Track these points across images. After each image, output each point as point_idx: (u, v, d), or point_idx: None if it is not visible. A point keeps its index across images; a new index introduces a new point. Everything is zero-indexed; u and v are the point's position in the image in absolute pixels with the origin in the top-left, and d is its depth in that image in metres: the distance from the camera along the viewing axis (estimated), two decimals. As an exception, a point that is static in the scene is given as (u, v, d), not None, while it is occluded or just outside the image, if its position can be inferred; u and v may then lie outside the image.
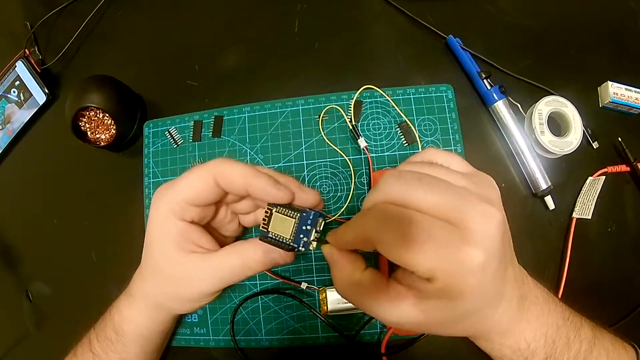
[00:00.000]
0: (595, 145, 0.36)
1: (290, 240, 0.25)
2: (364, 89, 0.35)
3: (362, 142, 0.34)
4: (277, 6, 0.41)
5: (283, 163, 0.36)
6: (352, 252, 0.24)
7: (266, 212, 0.26)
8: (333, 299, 0.33)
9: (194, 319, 0.37)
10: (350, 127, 0.35)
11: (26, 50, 0.44)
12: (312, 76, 0.38)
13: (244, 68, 0.40)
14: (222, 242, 0.30)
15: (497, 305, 0.22)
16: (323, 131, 0.36)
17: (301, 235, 0.25)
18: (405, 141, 0.36)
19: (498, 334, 0.24)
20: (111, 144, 0.38)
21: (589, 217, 0.35)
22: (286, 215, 0.25)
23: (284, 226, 0.25)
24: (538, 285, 0.26)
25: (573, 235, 0.35)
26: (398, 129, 0.36)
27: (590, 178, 0.35)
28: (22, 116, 0.44)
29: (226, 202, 0.30)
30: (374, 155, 0.36)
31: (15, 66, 0.43)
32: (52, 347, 0.34)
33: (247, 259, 0.27)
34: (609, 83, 0.36)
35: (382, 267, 0.32)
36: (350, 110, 0.35)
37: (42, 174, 0.44)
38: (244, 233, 0.34)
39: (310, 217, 0.25)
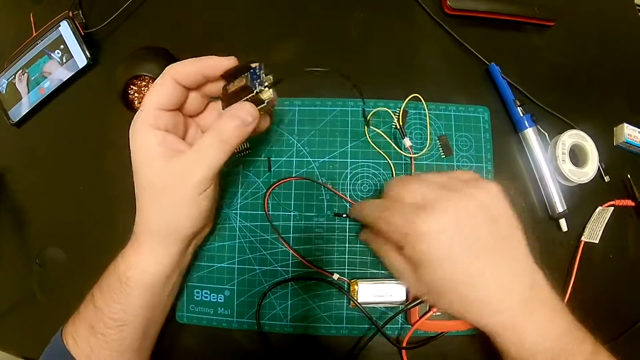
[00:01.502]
0: (606, 178, 0.41)
1: (247, 85, 0.29)
2: (412, 97, 0.39)
3: (407, 142, 0.38)
4: (336, 11, 0.44)
5: (328, 158, 0.39)
6: None
7: (222, 93, 0.32)
8: (364, 292, 0.36)
9: (220, 299, 0.38)
10: (398, 126, 0.38)
11: (70, 12, 0.45)
12: (361, 81, 0.41)
13: (297, 63, 0.42)
14: None
15: (481, 286, 0.27)
16: (368, 134, 0.39)
17: (254, 81, 0.29)
18: (443, 153, 0.39)
19: (501, 326, 0.28)
20: (157, 117, 0.39)
21: (597, 242, 0.39)
22: (239, 79, 0.30)
23: (238, 85, 0.30)
24: (552, 293, 0.29)
25: (580, 256, 0.39)
26: (438, 141, 0.40)
27: (599, 207, 0.40)
28: (57, 77, 0.44)
29: (189, 111, 0.33)
30: (414, 163, 0.39)
31: (60, 25, 0.44)
32: (59, 314, 0.33)
33: (221, 132, 0.29)
34: (625, 125, 0.42)
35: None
36: (398, 114, 0.39)
37: (70, 137, 0.44)
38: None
39: (258, 68, 0.30)
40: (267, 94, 0.30)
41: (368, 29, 0.43)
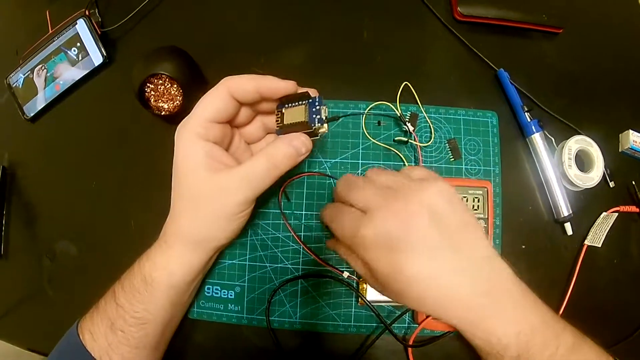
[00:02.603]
0: (611, 184, 0.43)
1: (306, 121, 0.30)
2: (403, 86, 0.41)
3: (410, 127, 0.40)
4: (347, 16, 0.46)
5: (339, 159, 0.41)
6: None
7: (277, 114, 0.32)
8: (372, 290, 0.38)
9: (230, 295, 0.39)
10: (399, 113, 0.41)
11: (87, 11, 0.47)
12: (372, 84, 0.43)
13: (308, 66, 0.44)
14: None
15: (426, 283, 0.26)
16: (370, 135, 0.41)
17: (314, 116, 0.30)
18: (452, 156, 0.41)
19: (462, 322, 0.27)
20: (172, 114, 0.41)
21: (599, 246, 0.41)
22: (295, 106, 0.31)
23: (296, 114, 0.31)
24: (518, 284, 0.28)
25: (583, 260, 0.41)
26: (447, 144, 0.41)
27: (604, 213, 0.42)
28: (73, 74, 0.46)
29: (237, 125, 0.35)
30: (424, 165, 0.41)
31: (76, 23, 0.45)
32: (69, 307, 0.35)
33: (273, 156, 0.30)
34: (630, 131, 0.43)
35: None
36: (406, 116, 0.41)
37: (84, 134, 0.45)
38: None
39: (317, 100, 0.31)
40: (323, 129, 0.31)
41: (380, 34, 0.45)
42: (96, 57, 0.45)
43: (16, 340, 0.43)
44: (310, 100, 0.31)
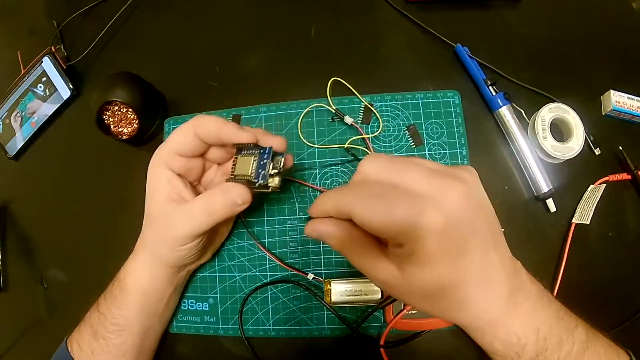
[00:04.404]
0: (597, 151, 0.40)
1: (251, 177, 0.30)
2: (332, 81, 0.41)
3: (348, 120, 0.40)
4: (297, 16, 0.47)
5: (297, 160, 0.41)
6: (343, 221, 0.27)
7: (233, 160, 0.32)
8: (337, 291, 0.38)
9: (205, 307, 0.41)
10: (334, 110, 0.41)
11: (52, 47, 0.50)
12: (326, 80, 0.43)
13: (262, 71, 0.45)
14: None
15: (475, 283, 0.24)
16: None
17: (260, 170, 0.30)
18: (413, 143, 0.41)
19: (488, 323, 0.26)
20: (132, 138, 0.43)
21: (588, 223, 0.38)
22: (247, 155, 0.31)
23: (245, 166, 0.31)
24: (534, 281, 0.28)
25: (571, 239, 0.38)
26: (406, 131, 0.41)
27: (591, 186, 0.39)
28: (45, 110, 0.49)
29: (211, 159, 0.36)
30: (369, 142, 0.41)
31: (42, 62, 0.49)
32: (65, 333, 0.38)
33: (210, 203, 0.32)
34: (612, 92, 0.41)
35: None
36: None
37: (63, 164, 0.49)
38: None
39: (267, 152, 0.30)
40: (273, 184, 0.30)
41: (331, 28, 0.46)
42: (64, 91, 0.49)
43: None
44: (261, 151, 0.30)
